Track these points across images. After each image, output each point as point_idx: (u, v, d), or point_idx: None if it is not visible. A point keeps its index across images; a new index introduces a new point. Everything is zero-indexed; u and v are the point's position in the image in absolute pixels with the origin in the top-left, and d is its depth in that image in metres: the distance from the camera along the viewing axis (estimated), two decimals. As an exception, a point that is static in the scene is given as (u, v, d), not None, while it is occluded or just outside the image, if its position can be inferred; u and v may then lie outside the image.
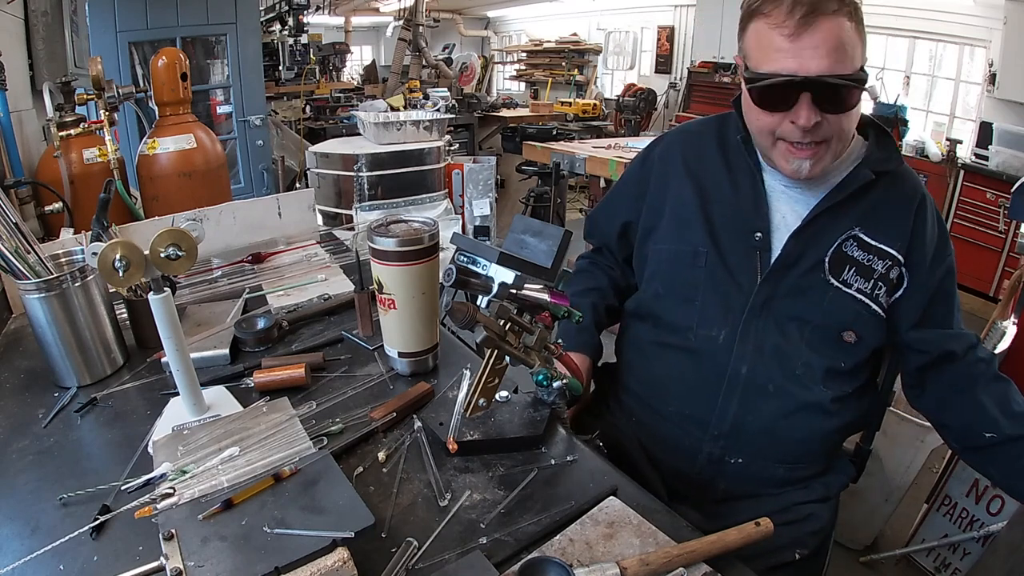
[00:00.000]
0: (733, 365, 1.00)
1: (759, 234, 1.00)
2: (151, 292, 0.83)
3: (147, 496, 0.74)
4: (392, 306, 0.98)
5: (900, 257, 0.97)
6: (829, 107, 0.87)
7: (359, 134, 3.56)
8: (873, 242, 0.98)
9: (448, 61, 8.09)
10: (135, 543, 0.69)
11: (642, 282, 1.13)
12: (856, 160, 1.00)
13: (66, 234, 1.52)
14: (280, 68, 6.39)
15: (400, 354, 1.03)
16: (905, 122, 4.55)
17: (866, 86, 0.89)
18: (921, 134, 4.49)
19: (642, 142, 3.04)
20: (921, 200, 1.00)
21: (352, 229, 2.36)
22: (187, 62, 2.20)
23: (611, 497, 0.77)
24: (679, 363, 1.05)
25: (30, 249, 0.99)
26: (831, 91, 0.85)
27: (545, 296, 0.83)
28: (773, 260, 0.99)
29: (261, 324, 1.15)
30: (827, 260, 0.97)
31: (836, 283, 0.97)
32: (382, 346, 1.06)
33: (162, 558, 0.62)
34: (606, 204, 1.24)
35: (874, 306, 0.98)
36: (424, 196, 3.13)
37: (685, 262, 1.04)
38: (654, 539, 0.70)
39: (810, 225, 0.98)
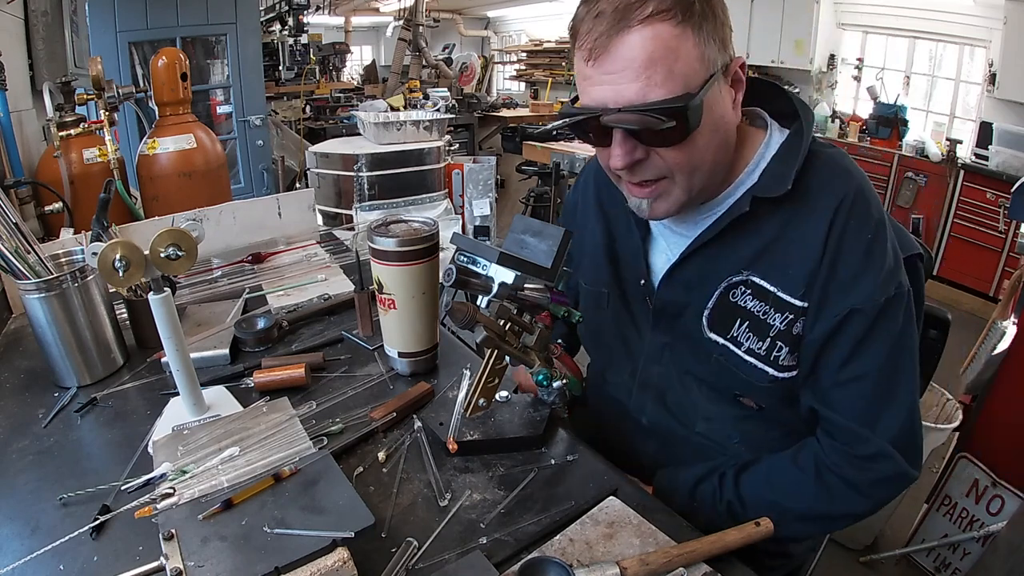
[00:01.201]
0: (635, 414, 0.97)
1: (642, 280, 0.89)
2: (151, 292, 0.83)
3: (147, 496, 0.74)
4: (392, 306, 0.98)
5: (803, 305, 0.75)
6: (652, 140, 0.71)
7: (359, 134, 3.56)
8: (770, 287, 0.77)
9: (448, 61, 8.09)
10: (135, 543, 0.69)
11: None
12: (752, 177, 0.81)
13: (66, 234, 1.52)
14: (280, 68, 6.40)
15: (400, 354, 1.03)
16: (905, 122, 4.56)
17: (688, 107, 0.66)
18: (921, 134, 4.48)
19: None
20: (836, 213, 0.74)
21: (352, 229, 2.36)
22: (187, 62, 2.20)
23: (611, 497, 0.77)
24: (607, 401, 1.02)
25: (30, 249, 0.99)
26: (653, 123, 0.67)
27: (545, 296, 0.83)
28: (652, 307, 0.89)
29: (261, 324, 1.15)
30: (706, 314, 0.82)
31: (722, 341, 0.81)
32: (382, 346, 1.06)
33: (162, 558, 0.62)
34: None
35: (772, 371, 0.78)
36: (424, 196, 3.14)
37: (595, 304, 0.97)
38: (654, 539, 0.70)
39: (682, 269, 0.84)
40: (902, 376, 0.76)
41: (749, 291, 0.79)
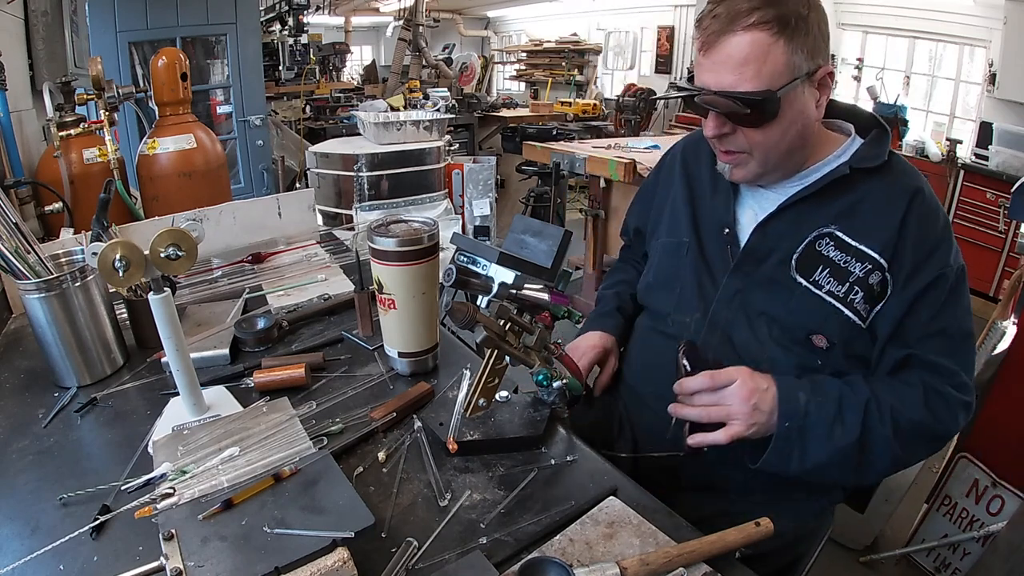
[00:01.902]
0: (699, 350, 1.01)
1: (727, 229, 1.01)
2: (151, 292, 0.83)
3: (147, 496, 0.74)
4: (392, 306, 0.98)
5: (883, 261, 0.89)
6: (738, 121, 0.87)
7: (359, 134, 3.57)
8: (852, 242, 0.92)
9: (448, 61, 8.09)
10: (135, 543, 0.69)
11: (642, 275, 1.19)
12: (840, 159, 0.97)
13: (66, 234, 1.52)
14: (280, 68, 6.40)
15: (400, 354, 1.03)
16: (905, 122, 4.56)
17: (766, 100, 0.83)
18: (921, 134, 4.49)
19: (642, 142, 3.05)
20: (913, 197, 0.92)
21: (352, 229, 2.36)
22: (187, 62, 2.21)
23: (611, 497, 0.77)
24: (658, 347, 1.07)
25: (30, 249, 0.99)
26: (736, 108, 0.85)
27: (545, 296, 0.83)
28: (741, 250, 0.99)
29: (261, 324, 1.15)
30: (795, 258, 0.94)
31: (805, 283, 0.93)
32: (382, 346, 1.06)
33: (162, 558, 0.62)
34: (632, 204, 1.30)
35: (847, 312, 0.91)
36: (424, 196, 3.14)
37: (673, 253, 1.08)
38: (654, 539, 0.71)
39: (777, 219, 0.96)
40: (969, 337, 0.93)
41: (832, 243, 0.92)
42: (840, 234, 0.92)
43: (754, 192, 1.02)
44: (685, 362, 0.89)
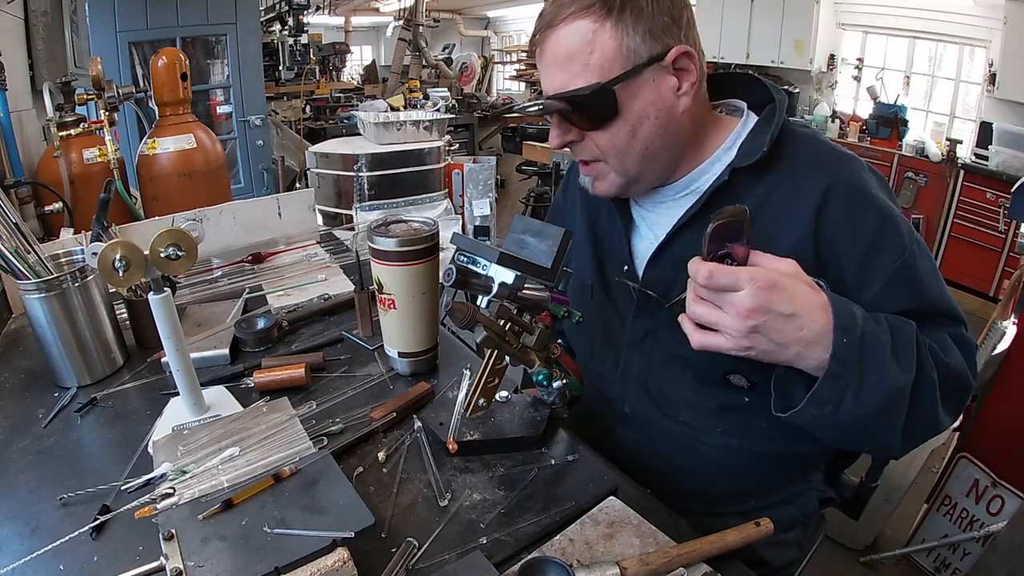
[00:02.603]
0: (618, 402, 0.97)
1: (625, 266, 0.91)
2: (151, 292, 0.83)
3: (147, 496, 0.74)
4: (392, 306, 0.98)
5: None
6: (581, 124, 0.79)
7: (359, 134, 3.57)
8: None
9: (448, 61, 8.10)
10: (135, 543, 0.69)
11: None
12: (729, 154, 0.84)
13: (66, 234, 1.52)
14: (280, 68, 6.41)
15: (400, 354, 1.03)
16: (905, 122, 4.56)
17: (595, 92, 0.73)
18: (921, 134, 4.49)
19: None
20: (828, 190, 0.76)
21: (352, 229, 2.36)
22: (187, 62, 2.20)
23: (611, 497, 0.77)
24: (590, 391, 0.97)
25: (30, 249, 0.99)
26: (569, 109, 0.76)
27: (545, 296, 0.83)
28: (637, 288, 0.89)
29: (261, 324, 1.15)
30: None
31: None
32: (382, 346, 1.06)
33: (162, 558, 0.62)
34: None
35: None
36: (424, 196, 3.14)
37: (580, 296, 0.99)
38: (654, 539, 0.70)
39: (668, 248, 0.85)
40: (955, 307, 0.81)
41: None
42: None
43: (643, 214, 0.91)
44: (706, 239, 0.63)
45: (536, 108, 0.81)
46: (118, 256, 0.78)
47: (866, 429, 0.70)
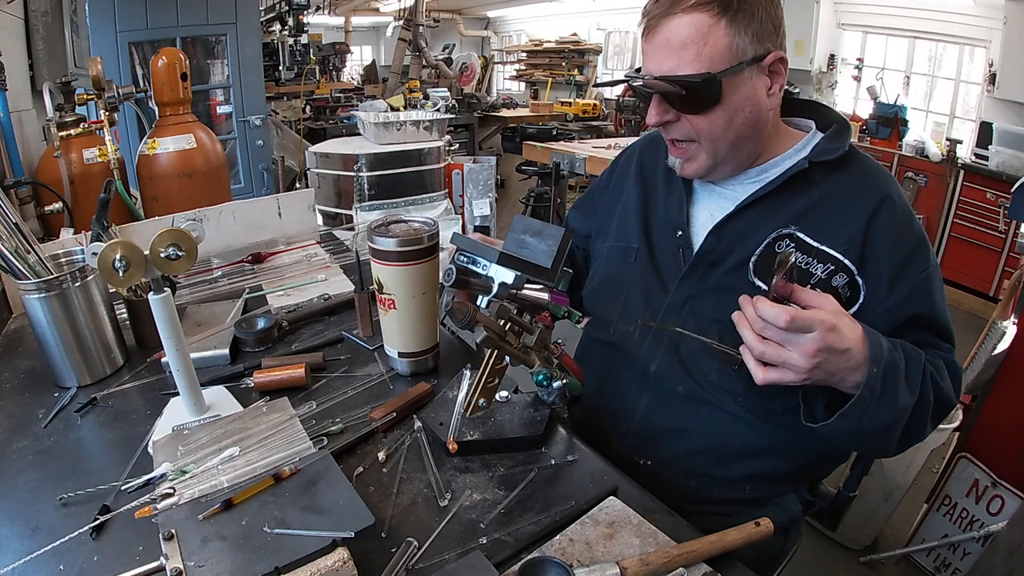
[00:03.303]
0: (643, 362, 0.98)
1: (679, 231, 0.97)
2: (151, 292, 0.83)
3: (147, 496, 0.74)
4: (392, 306, 0.98)
5: (847, 262, 0.86)
6: (680, 107, 0.85)
7: (359, 134, 3.57)
8: (813, 242, 0.87)
9: (448, 61, 8.10)
10: (135, 543, 0.69)
11: (588, 279, 1.14)
12: (800, 154, 0.93)
13: (66, 234, 1.52)
14: (280, 68, 6.40)
15: (400, 354, 1.03)
16: (905, 122, 4.56)
17: (704, 81, 0.80)
18: (921, 134, 4.48)
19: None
20: (882, 202, 0.87)
21: (352, 229, 2.36)
22: (187, 62, 2.21)
23: (611, 497, 0.77)
24: (600, 357, 1.05)
25: (30, 249, 0.99)
26: (674, 91, 0.82)
27: (545, 296, 0.83)
28: (694, 253, 0.95)
29: (261, 324, 1.15)
30: (753, 260, 0.90)
31: (764, 287, 0.87)
32: (382, 346, 1.06)
33: (162, 558, 0.62)
34: (575, 208, 1.26)
35: None
36: (424, 196, 3.14)
37: (620, 259, 1.04)
38: (654, 539, 0.70)
39: (734, 221, 0.92)
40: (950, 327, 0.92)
41: (793, 244, 0.88)
42: (801, 235, 0.89)
43: (709, 191, 0.98)
44: (776, 280, 0.73)
45: (638, 83, 0.86)
46: (118, 256, 0.78)
47: (873, 439, 0.82)
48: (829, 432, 0.79)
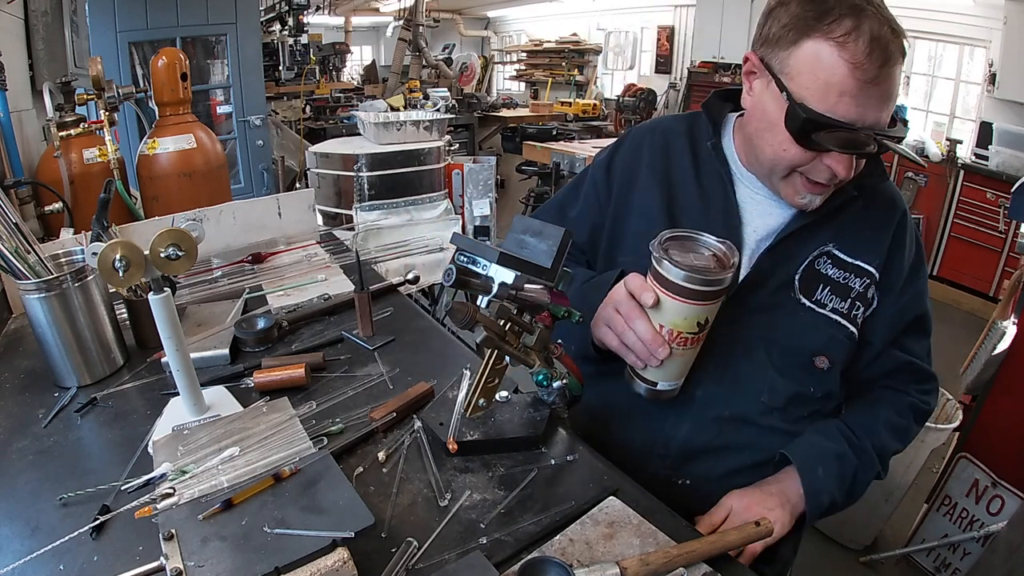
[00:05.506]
0: (687, 388, 0.91)
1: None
2: (151, 292, 0.83)
3: (147, 496, 0.74)
4: (694, 343, 0.83)
5: (876, 274, 0.92)
6: (867, 154, 0.82)
7: (359, 134, 3.56)
8: (848, 259, 0.92)
9: (448, 61, 8.10)
10: (135, 543, 0.69)
11: None
12: None
13: (66, 234, 1.52)
14: (280, 68, 6.40)
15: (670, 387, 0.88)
16: (905, 122, 4.55)
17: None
18: (921, 134, 4.49)
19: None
20: (901, 217, 0.95)
21: (352, 229, 2.36)
22: (187, 62, 2.20)
23: (611, 497, 0.77)
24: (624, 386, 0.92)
25: (30, 249, 0.99)
26: (886, 147, 0.80)
27: (545, 296, 0.83)
28: (742, 278, 0.91)
29: (261, 324, 1.15)
30: (797, 278, 0.91)
31: (808, 303, 0.91)
32: (382, 346, 1.06)
33: (162, 558, 0.62)
34: (566, 209, 1.12)
35: (851, 327, 0.92)
36: (424, 196, 3.13)
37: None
38: (654, 539, 0.70)
39: (787, 241, 0.92)
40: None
41: (830, 261, 0.92)
42: (837, 252, 0.92)
43: (760, 205, 0.94)
44: None
45: (872, 148, 0.80)
46: (118, 256, 0.78)
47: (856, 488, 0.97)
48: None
